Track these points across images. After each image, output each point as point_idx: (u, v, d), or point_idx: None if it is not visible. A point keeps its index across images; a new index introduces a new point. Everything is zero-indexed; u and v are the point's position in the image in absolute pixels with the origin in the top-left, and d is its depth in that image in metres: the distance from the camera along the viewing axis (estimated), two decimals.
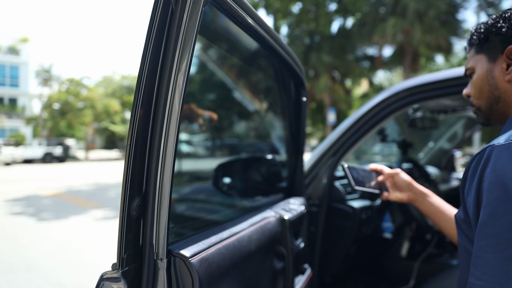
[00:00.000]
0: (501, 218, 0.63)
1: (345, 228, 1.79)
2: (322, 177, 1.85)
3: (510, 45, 0.83)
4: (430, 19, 13.38)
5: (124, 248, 0.61)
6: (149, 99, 0.61)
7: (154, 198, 0.64)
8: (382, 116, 1.72)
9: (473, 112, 0.97)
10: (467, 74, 0.96)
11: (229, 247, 0.84)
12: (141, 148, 0.62)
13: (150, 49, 0.59)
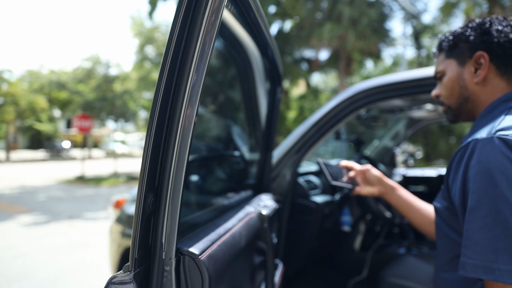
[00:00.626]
0: (488, 203, 0.71)
1: (308, 223, 1.84)
2: (285, 174, 1.89)
3: (477, 52, 0.94)
4: (362, 26, 14.24)
5: (138, 248, 0.58)
6: (166, 100, 0.59)
7: (167, 195, 0.62)
8: (344, 114, 1.81)
9: (443, 111, 1.07)
10: (438, 76, 1.06)
11: (227, 243, 0.83)
12: (157, 146, 0.59)
13: (172, 47, 0.57)
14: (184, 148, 0.61)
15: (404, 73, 1.72)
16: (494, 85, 0.94)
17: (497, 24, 0.94)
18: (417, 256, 1.95)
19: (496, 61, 0.93)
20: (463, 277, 0.87)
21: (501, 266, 0.68)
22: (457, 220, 0.87)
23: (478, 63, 0.95)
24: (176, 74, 0.60)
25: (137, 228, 0.57)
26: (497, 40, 0.92)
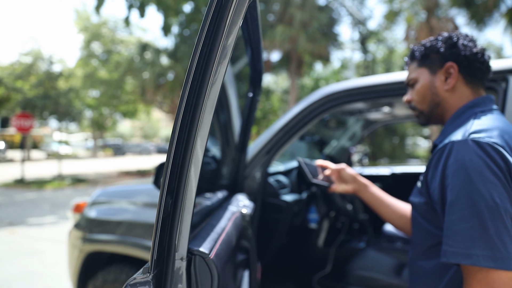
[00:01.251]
0: (465, 197, 0.82)
1: (279, 221, 1.91)
2: (256, 174, 1.94)
3: (447, 62, 1.07)
4: (313, 30, 14.71)
5: (157, 250, 0.60)
6: (186, 112, 0.62)
7: (183, 196, 0.64)
8: (311, 117, 1.89)
9: (415, 115, 1.19)
10: (410, 83, 1.18)
11: (225, 243, 0.86)
12: (177, 152, 0.62)
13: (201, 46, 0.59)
14: (199, 152, 0.64)
15: (368, 78, 1.84)
16: (461, 92, 1.07)
17: (462, 39, 1.07)
18: (377, 249, 2.10)
19: (463, 72, 1.06)
20: (438, 264, 0.98)
21: (478, 252, 0.79)
22: (434, 214, 0.98)
23: (448, 73, 1.07)
24: (196, 90, 0.63)
25: (157, 230, 0.59)
26: (464, 53, 1.05)
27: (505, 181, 0.83)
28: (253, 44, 1.09)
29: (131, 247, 2.05)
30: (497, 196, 0.81)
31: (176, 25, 16.16)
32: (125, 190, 2.46)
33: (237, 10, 0.62)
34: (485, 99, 1.05)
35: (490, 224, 0.79)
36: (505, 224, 0.80)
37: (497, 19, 13.55)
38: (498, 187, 0.82)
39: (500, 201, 0.81)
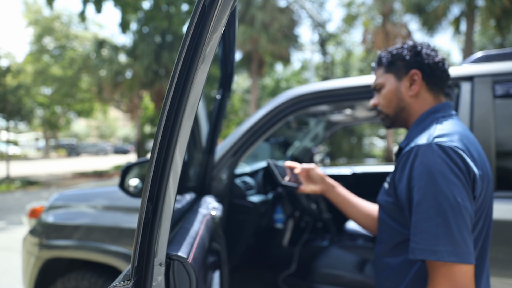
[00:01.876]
0: (430, 198, 0.89)
1: (246, 222, 1.93)
2: (223, 176, 1.95)
3: (412, 69, 1.14)
4: (274, 31, 14.89)
5: (138, 256, 0.60)
6: (168, 117, 0.63)
7: (163, 202, 0.64)
8: (279, 118, 1.93)
9: (380, 118, 1.25)
10: (377, 88, 1.24)
11: (200, 246, 0.87)
12: (158, 159, 0.62)
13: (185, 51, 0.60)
14: (179, 159, 0.64)
15: (333, 82, 1.90)
16: (424, 98, 1.15)
17: (425, 49, 1.16)
18: (340, 247, 2.18)
19: (426, 79, 1.14)
20: (404, 260, 1.05)
21: (442, 248, 0.86)
22: (401, 213, 1.04)
23: (412, 79, 1.15)
24: (177, 97, 0.64)
25: (138, 236, 0.59)
26: (427, 61, 1.13)
27: (465, 182, 0.91)
28: (227, 48, 1.10)
29: (92, 252, 1.98)
30: (459, 196, 0.89)
31: (135, 22, 15.71)
32: (84, 193, 2.38)
33: (219, 18, 0.63)
34: (445, 105, 1.14)
35: (452, 222, 0.87)
36: (466, 222, 0.88)
37: (445, 27, 14.44)
38: (459, 187, 0.90)
39: (461, 201, 0.89)
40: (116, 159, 27.74)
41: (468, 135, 1.03)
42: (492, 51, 1.71)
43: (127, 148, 36.49)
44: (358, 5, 17.43)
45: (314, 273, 1.90)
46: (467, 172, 0.92)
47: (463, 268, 0.86)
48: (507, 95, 1.48)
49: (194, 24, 0.64)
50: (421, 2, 13.94)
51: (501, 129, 1.46)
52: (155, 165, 0.61)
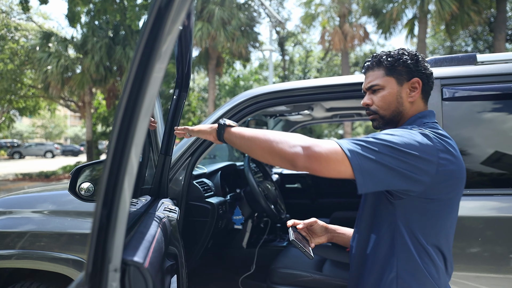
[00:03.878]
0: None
1: (204, 224, 1.90)
2: (179, 177, 1.90)
3: (414, 78, 1.18)
4: (233, 28, 14.83)
5: (92, 263, 0.56)
6: (123, 120, 0.59)
7: (118, 206, 0.60)
8: (237, 118, 1.91)
9: (371, 118, 1.27)
10: (373, 89, 1.24)
11: (156, 250, 0.83)
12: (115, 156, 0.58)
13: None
14: (134, 162, 0.61)
15: (292, 83, 1.91)
16: (418, 104, 1.21)
17: (422, 59, 1.21)
18: None
19: (423, 87, 1.20)
20: (387, 248, 1.11)
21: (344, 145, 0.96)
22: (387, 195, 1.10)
23: (413, 87, 1.19)
24: (133, 103, 0.61)
25: (92, 242, 0.55)
26: (425, 71, 1.19)
27: (425, 155, 0.98)
28: (184, 47, 1.07)
29: (38, 260, 1.85)
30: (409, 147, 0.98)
31: (85, 14, 14.98)
32: (29, 198, 2.22)
33: (176, 16, 0.61)
34: (430, 113, 1.21)
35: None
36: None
37: (400, 29, 15.18)
38: (417, 148, 0.98)
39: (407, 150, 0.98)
40: (65, 160, 26.27)
41: (449, 137, 1.11)
42: (440, 57, 1.81)
43: (78, 148, 34.60)
44: (316, 4, 17.82)
45: (273, 274, 1.91)
46: (434, 151, 0.99)
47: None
48: (454, 97, 1.57)
49: (151, 22, 0.62)
50: (377, 5, 14.54)
51: (449, 130, 1.54)
52: (110, 167, 0.57)
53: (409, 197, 1.03)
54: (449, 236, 1.11)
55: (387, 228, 1.11)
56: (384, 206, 1.12)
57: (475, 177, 1.54)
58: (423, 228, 1.05)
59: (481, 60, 1.75)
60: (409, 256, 1.06)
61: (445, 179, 1.02)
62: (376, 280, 1.12)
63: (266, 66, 23.67)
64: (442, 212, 1.06)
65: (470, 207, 1.47)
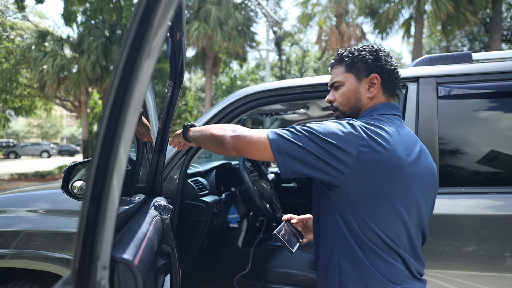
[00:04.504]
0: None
1: (199, 223, 1.89)
2: (174, 176, 1.89)
3: (373, 73, 1.19)
4: (229, 28, 14.81)
5: (80, 260, 0.54)
6: (115, 111, 0.58)
7: (106, 202, 0.59)
8: (232, 116, 1.90)
9: (335, 115, 1.29)
10: (335, 85, 1.26)
11: (147, 248, 0.82)
12: (103, 151, 0.57)
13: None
14: (123, 157, 0.60)
15: (287, 81, 1.90)
16: (377, 100, 1.21)
17: (384, 55, 1.21)
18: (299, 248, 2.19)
19: (383, 83, 1.20)
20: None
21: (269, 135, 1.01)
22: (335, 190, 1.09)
23: (371, 82, 1.20)
24: (121, 94, 0.60)
25: (79, 238, 0.54)
26: (386, 67, 1.19)
27: (345, 144, 0.99)
28: (176, 43, 1.06)
29: (32, 260, 1.83)
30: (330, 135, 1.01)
31: (81, 14, 14.92)
32: (23, 197, 2.19)
33: (165, 12, 0.60)
34: (384, 105, 1.20)
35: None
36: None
37: (397, 29, 15.21)
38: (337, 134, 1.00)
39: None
40: (61, 160, 26.14)
41: (398, 131, 1.08)
42: (435, 55, 1.81)
43: (74, 148, 34.42)
44: (313, 4, 17.83)
45: (268, 273, 1.90)
46: (355, 140, 1.00)
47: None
48: (449, 95, 1.57)
49: (139, 17, 0.61)
50: (373, 5, 14.56)
51: (444, 128, 1.54)
52: (98, 162, 0.56)
53: (339, 188, 1.02)
54: (402, 236, 1.05)
55: (327, 219, 1.11)
56: (323, 197, 1.12)
57: (470, 175, 1.54)
58: (359, 218, 1.03)
59: (476, 58, 1.76)
60: (348, 246, 1.05)
61: (368, 168, 0.99)
62: (325, 270, 1.13)
63: (263, 66, 23.66)
64: (378, 204, 1.02)
65: (465, 206, 1.47)
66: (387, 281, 1.02)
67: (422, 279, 1.11)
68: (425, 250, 1.43)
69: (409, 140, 1.09)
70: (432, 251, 1.44)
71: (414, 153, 1.07)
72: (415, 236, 1.08)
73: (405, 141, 1.07)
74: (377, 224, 1.02)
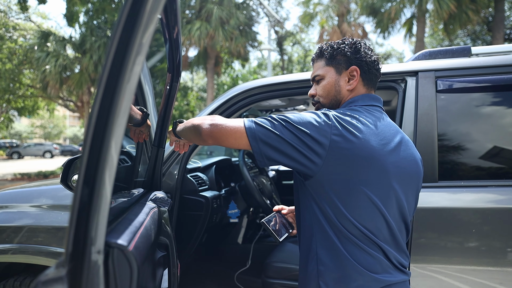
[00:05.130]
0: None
1: (199, 218, 1.89)
2: (173, 171, 1.90)
3: (352, 66, 1.19)
4: (231, 28, 14.82)
5: (73, 243, 0.55)
6: (108, 96, 0.59)
7: (101, 186, 0.59)
8: (231, 112, 1.90)
9: (316, 108, 1.29)
10: (316, 79, 1.27)
11: (143, 236, 0.83)
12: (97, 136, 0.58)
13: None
14: (118, 139, 0.60)
15: (285, 76, 1.91)
16: (358, 92, 1.21)
17: (364, 47, 1.21)
18: (295, 242, 2.20)
19: (363, 75, 1.20)
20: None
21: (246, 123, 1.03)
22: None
23: (351, 75, 1.20)
24: (112, 83, 0.60)
25: (72, 221, 0.54)
26: (365, 59, 1.19)
27: (318, 133, 1.00)
28: (172, 36, 1.06)
29: (35, 255, 1.84)
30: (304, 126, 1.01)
31: (83, 14, 14.97)
32: (25, 192, 2.20)
33: (155, 5, 0.60)
34: (364, 97, 1.19)
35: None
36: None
37: (399, 28, 15.17)
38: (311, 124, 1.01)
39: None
40: (64, 160, 26.07)
41: (375, 121, 1.08)
42: (434, 49, 1.80)
43: (77, 149, 34.50)
44: (315, 3, 17.80)
45: (268, 268, 1.90)
46: (328, 129, 1.00)
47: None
48: (448, 89, 1.57)
49: (127, 12, 0.61)
50: (375, 4, 14.53)
51: (443, 122, 1.54)
52: (91, 144, 0.56)
53: (313, 177, 1.02)
54: (381, 227, 1.04)
55: (305, 209, 1.12)
56: (301, 188, 1.13)
57: (470, 169, 1.54)
58: (334, 208, 1.03)
59: (475, 52, 1.75)
60: (326, 236, 1.05)
61: (341, 157, 0.99)
62: (305, 259, 1.13)
63: (265, 66, 23.65)
64: (352, 194, 1.02)
65: (465, 199, 1.47)
66: (366, 270, 1.01)
67: (405, 271, 1.09)
68: (424, 245, 1.43)
69: (387, 130, 1.09)
70: (433, 245, 1.44)
71: (392, 143, 1.07)
72: (396, 227, 1.07)
73: (381, 131, 1.06)
74: (353, 214, 1.02)
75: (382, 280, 1.02)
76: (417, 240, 1.44)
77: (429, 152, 1.50)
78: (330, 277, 1.03)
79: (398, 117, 1.61)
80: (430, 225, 1.45)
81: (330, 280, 1.03)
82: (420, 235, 1.44)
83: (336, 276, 1.03)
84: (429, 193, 1.47)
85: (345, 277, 1.02)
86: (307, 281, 1.10)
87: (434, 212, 1.45)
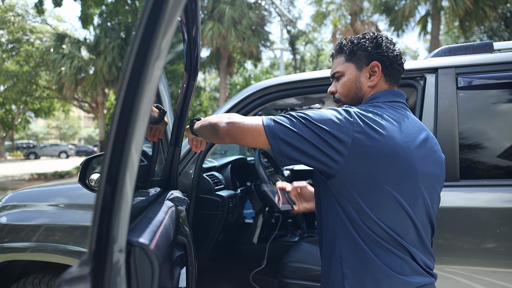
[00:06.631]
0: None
1: (215, 217, 1.89)
2: (189, 170, 1.89)
3: (373, 61, 1.14)
4: (243, 28, 14.84)
5: (96, 242, 0.54)
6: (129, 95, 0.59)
7: (123, 184, 0.59)
8: (247, 110, 1.89)
9: (338, 106, 1.24)
10: (336, 76, 1.23)
11: (163, 235, 0.82)
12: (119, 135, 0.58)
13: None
14: (140, 138, 0.60)
15: (301, 74, 1.89)
16: (380, 88, 1.16)
17: (385, 41, 1.16)
18: (310, 241, 2.18)
19: (384, 71, 1.15)
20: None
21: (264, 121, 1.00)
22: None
23: (372, 71, 1.15)
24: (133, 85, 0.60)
25: (95, 220, 0.54)
26: (387, 54, 1.14)
27: (339, 130, 0.96)
28: (191, 36, 1.06)
29: (52, 253, 1.86)
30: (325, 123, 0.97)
31: (97, 16, 15.16)
32: (42, 192, 2.24)
33: (173, 11, 0.60)
34: (386, 93, 1.14)
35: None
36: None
37: (413, 26, 14.96)
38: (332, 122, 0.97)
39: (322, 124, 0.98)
40: (79, 160, 26.59)
41: (399, 118, 1.04)
42: (454, 45, 1.76)
43: (91, 149, 35.04)
44: (327, 2, 17.70)
45: (284, 268, 1.88)
46: (350, 126, 0.96)
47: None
48: (469, 86, 1.52)
49: (147, 17, 0.60)
50: (389, 2, 14.35)
51: (464, 120, 1.50)
52: (113, 145, 0.56)
53: (335, 177, 0.98)
54: (408, 229, 1.00)
55: (328, 209, 1.07)
56: (323, 188, 1.09)
57: (492, 168, 1.50)
58: (358, 208, 0.98)
59: (498, 47, 1.70)
60: (350, 237, 1.01)
61: (364, 155, 0.95)
62: (328, 261, 1.09)
63: (277, 66, 23.60)
64: (376, 193, 0.97)
65: (486, 199, 1.43)
66: (394, 272, 0.97)
67: (432, 273, 1.05)
68: (443, 245, 1.40)
69: (412, 127, 1.04)
70: (451, 246, 1.40)
71: (417, 141, 1.02)
72: (423, 229, 1.03)
73: (405, 129, 1.02)
74: (378, 215, 0.97)
75: (411, 282, 0.98)
76: (438, 241, 1.40)
77: (450, 151, 1.47)
78: (356, 279, 1.00)
79: (417, 115, 1.58)
80: (452, 225, 1.41)
81: (356, 283, 0.99)
82: (444, 235, 1.40)
83: (362, 279, 0.99)
84: (451, 192, 1.43)
85: (372, 280, 0.98)
86: (330, 284, 1.06)
87: (452, 212, 1.41)
